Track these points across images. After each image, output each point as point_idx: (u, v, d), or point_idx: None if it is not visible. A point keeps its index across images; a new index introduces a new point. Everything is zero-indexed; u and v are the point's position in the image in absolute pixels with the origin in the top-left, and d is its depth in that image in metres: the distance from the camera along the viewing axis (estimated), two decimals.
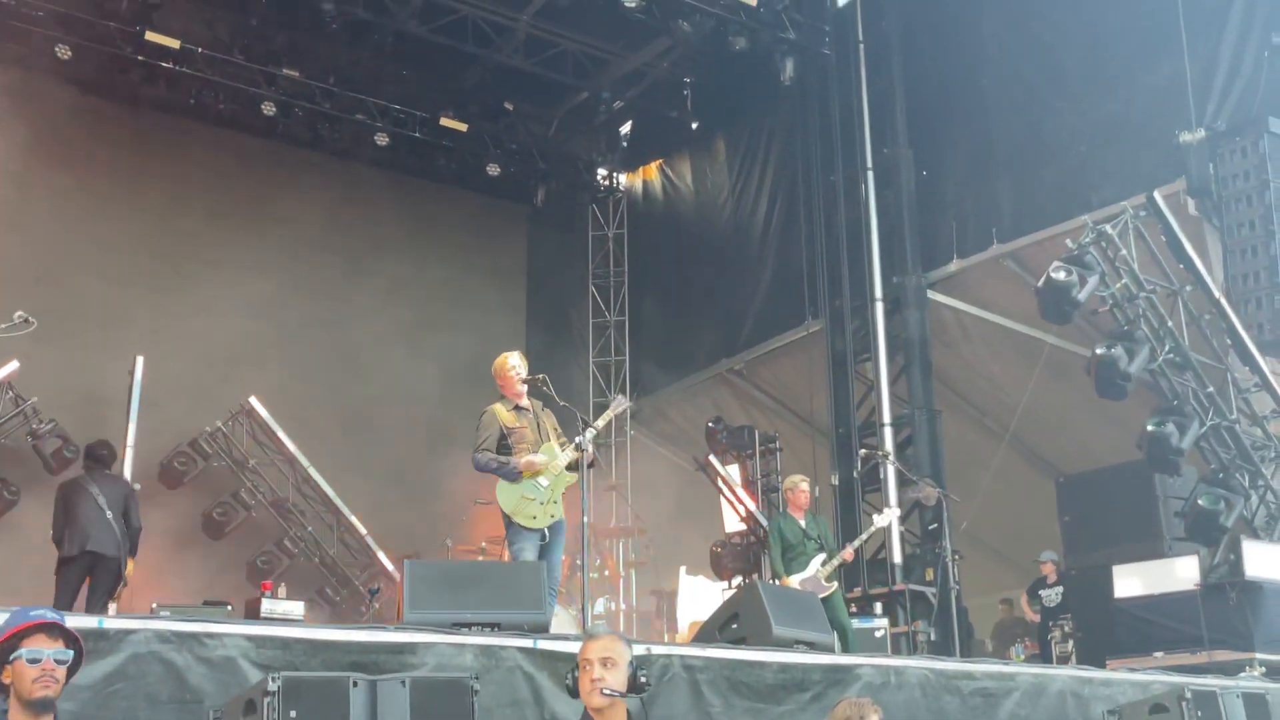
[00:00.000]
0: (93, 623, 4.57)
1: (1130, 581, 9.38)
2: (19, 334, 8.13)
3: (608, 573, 14.37)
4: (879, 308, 13.36)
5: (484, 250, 17.53)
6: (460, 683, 4.46)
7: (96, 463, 9.59)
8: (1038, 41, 12.41)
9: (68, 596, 8.93)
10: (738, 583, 13.59)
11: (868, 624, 11.17)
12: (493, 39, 15.12)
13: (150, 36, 13.74)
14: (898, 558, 12.47)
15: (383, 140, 15.61)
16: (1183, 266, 9.99)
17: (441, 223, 17.04)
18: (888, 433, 12.98)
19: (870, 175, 13.60)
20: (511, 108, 16.83)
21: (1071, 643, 10.93)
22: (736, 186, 16.29)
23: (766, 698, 5.94)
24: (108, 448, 9.79)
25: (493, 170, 16.59)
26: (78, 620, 4.15)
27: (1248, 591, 8.67)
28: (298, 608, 10.02)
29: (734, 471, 14.28)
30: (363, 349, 15.62)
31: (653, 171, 18.19)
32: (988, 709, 6.65)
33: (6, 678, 3.71)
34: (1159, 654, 8.77)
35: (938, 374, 13.43)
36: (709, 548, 14.37)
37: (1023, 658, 11.91)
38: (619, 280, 18.20)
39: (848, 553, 9.38)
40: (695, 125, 17.12)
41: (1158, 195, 9.94)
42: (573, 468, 7.55)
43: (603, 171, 18.47)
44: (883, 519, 10.01)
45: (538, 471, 7.45)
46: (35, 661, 3.71)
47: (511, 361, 7.72)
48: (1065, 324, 10.24)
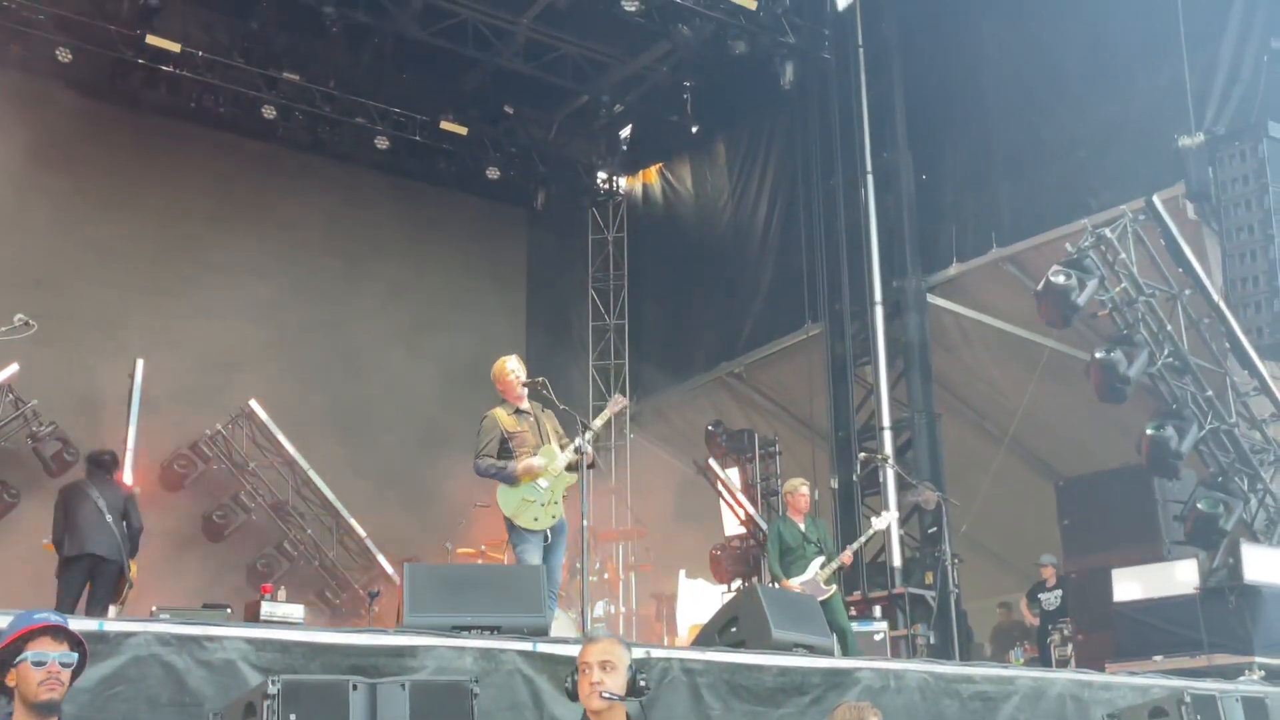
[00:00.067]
0: (93, 625, 4.57)
1: (1129, 585, 9.38)
2: (19, 337, 8.14)
3: (608, 576, 14.36)
4: (879, 311, 13.36)
5: (484, 254, 17.54)
6: (460, 686, 4.47)
7: (99, 468, 9.60)
8: (1037, 45, 12.42)
9: (69, 600, 8.93)
10: (737, 586, 13.60)
11: (867, 627, 11.18)
12: (493, 42, 15.14)
13: (151, 40, 13.75)
14: (897, 561, 12.47)
15: (383, 144, 15.63)
16: (1182, 270, 10.00)
17: (441, 226, 17.05)
18: (887, 436, 12.99)
19: (870, 179, 13.61)
20: (511, 111, 16.85)
21: (1071, 646, 10.92)
22: (736, 190, 16.31)
23: (766, 701, 5.94)
24: (111, 455, 9.82)
25: (493, 174, 16.61)
26: (78, 623, 4.16)
27: (1247, 595, 8.65)
28: (297, 611, 10.01)
29: (734, 475, 14.29)
30: (363, 352, 15.63)
31: (652, 175, 18.21)
32: (987, 712, 6.64)
33: (11, 680, 3.72)
34: (1158, 658, 8.75)
35: (937, 378, 13.44)
36: (709, 551, 14.38)
37: (1022, 661, 11.91)
38: (619, 283, 18.21)
39: (846, 556, 9.37)
40: (695, 129, 17.11)
41: (1157, 199, 9.94)
42: (572, 468, 7.56)
43: (602, 175, 18.48)
44: (882, 522, 10.01)
45: (536, 475, 7.45)
46: (40, 664, 3.72)
47: (510, 365, 7.72)
48: (1065, 328, 10.24)
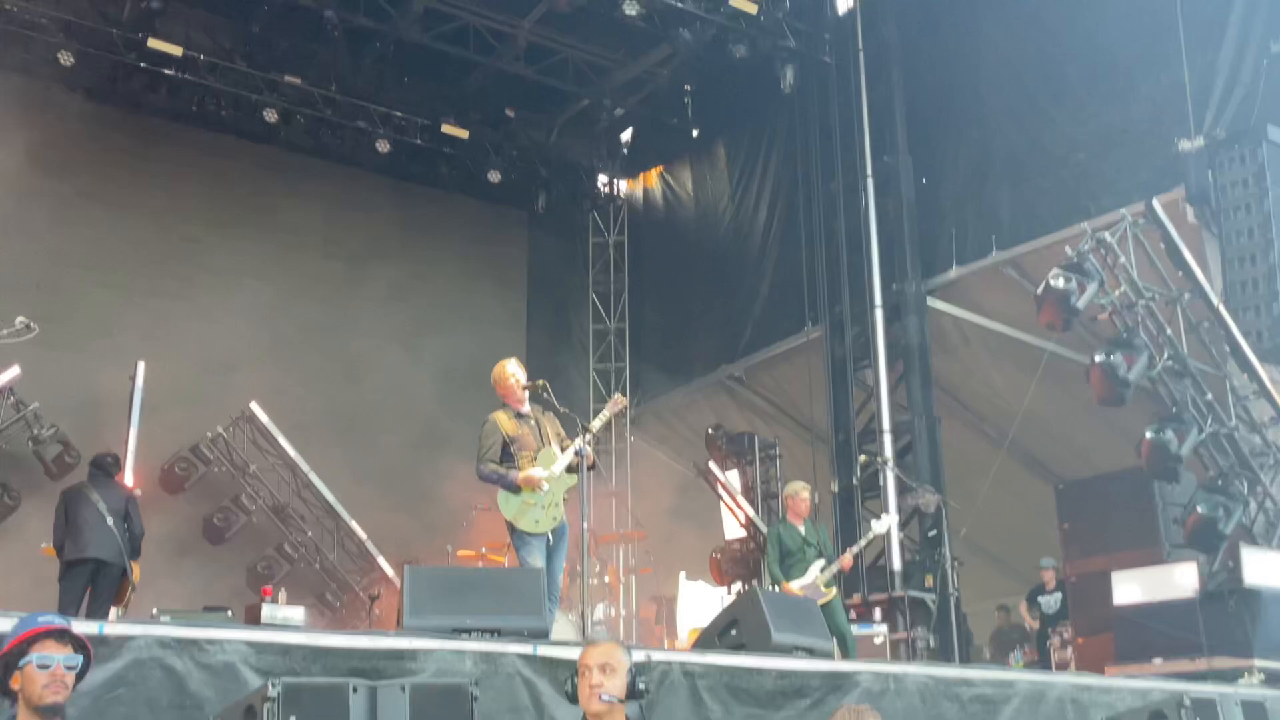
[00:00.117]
0: (93, 629, 4.58)
1: (1129, 588, 9.38)
2: (20, 339, 8.16)
3: (608, 579, 14.36)
4: (879, 315, 13.38)
5: (484, 256, 17.55)
6: (460, 689, 4.48)
7: (101, 471, 9.60)
8: (1037, 50, 12.44)
9: (71, 603, 8.91)
10: (737, 589, 13.60)
11: (867, 630, 11.19)
12: (494, 46, 15.17)
13: (153, 43, 13.77)
14: (897, 564, 12.47)
15: (384, 147, 15.63)
16: (1181, 274, 9.99)
17: (442, 229, 17.06)
18: (887, 439, 13.00)
19: (870, 182, 13.63)
20: (512, 114, 16.87)
21: (1070, 649, 10.92)
22: (736, 193, 16.32)
23: (766, 704, 5.94)
24: (113, 458, 9.83)
25: (494, 177, 16.61)
26: (78, 626, 4.17)
27: (1246, 598, 8.66)
28: (298, 613, 10.04)
29: (734, 478, 14.29)
30: (364, 355, 15.64)
31: (653, 178, 18.22)
32: (987, 716, 6.64)
33: (15, 683, 3.74)
34: (1158, 661, 8.75)
35: (937, 381, 13.45)
36: (709, 554, 14.37)
37: (1021, 664, 11.92)
38: (619, 287, 18.22)
39: (847, 559, 9.38)
40: (696, 132, 17.16)
41: (1157, 203, 9.94)
42: (573, 470, 7.56)
43: (603, 178, 18.50)
44: (882, 525, 10.03)
45: (536, 485, 7.44)
46: (45, 667, 3.73)
47: (510, 368, 7.71)
48: (1064, 331, 10.25)
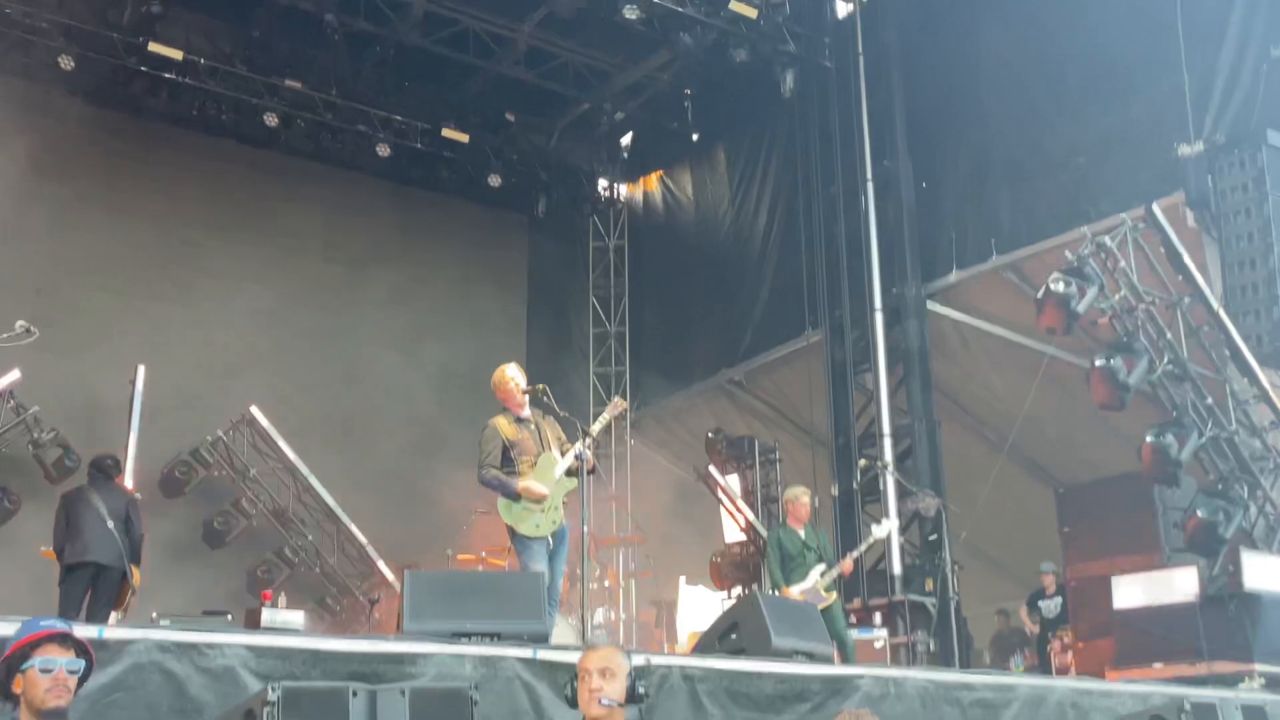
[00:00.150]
0: (93, 633, 4.57)
1: (1129, 592, 9.38)
2: (21, 343, 8.16)
3: (608, 583, 14.36)
4: (879, 318, 13.37)
5: (485, 260, 17.55)
6: (460, 693, 4.48)
7: (101, 474, 9.57)
8: (1037, 54, 12.45)
9: (71, 607, 8.89)
10: (737, 593, 13.59)
11: (867, 634, 11.18)
12: (494, 50, 15.18)
13: (153, 47, 13.78)
14: (897, 568, 12.45)
15: (384, 151, 15.64)
16: (1181, 278, 10.00)
17: (443, 233, 17.07)
18: (887, 443, 12.99)
19: (870, 186, 13.63)
20: (513, 119, 16.88)
21: (1071, 654, 10.92)
22: (737, 197, 16.33)
23: (766, 708, 5.94)
24: (114, 460, 9.75)
25: (494, 181, 16.61)
26: (78, 630, 4.16)
27: (1247, 603, 8.66)
28: (298, 617, 10.00)
29: (734, 482, 14.28)
30: (363, 358, 15.65)
31: (653, 183, 18.23)
32: None
33: (17, 687, 3.74)
34: (1158, 665, 8.75)
35: (937, 385, 13.44)
36: (709, 558, 14.37)
37: (1022, 668, 11.92)
38: (619, 291, 18.23)
39: (847, 564, 9.38)
40: (696, 137, 17.18)
41: (1157, 207, 9.95)
42: (572, 474, 7.56)
43: (603, 182, 18.51)
44: (882, 530, 10.03)
45: (535, 497, 7.43)
46: (48, 671, 3.74)
47: (509, 373, 7.71)
48: (1065, 335, 10.25)
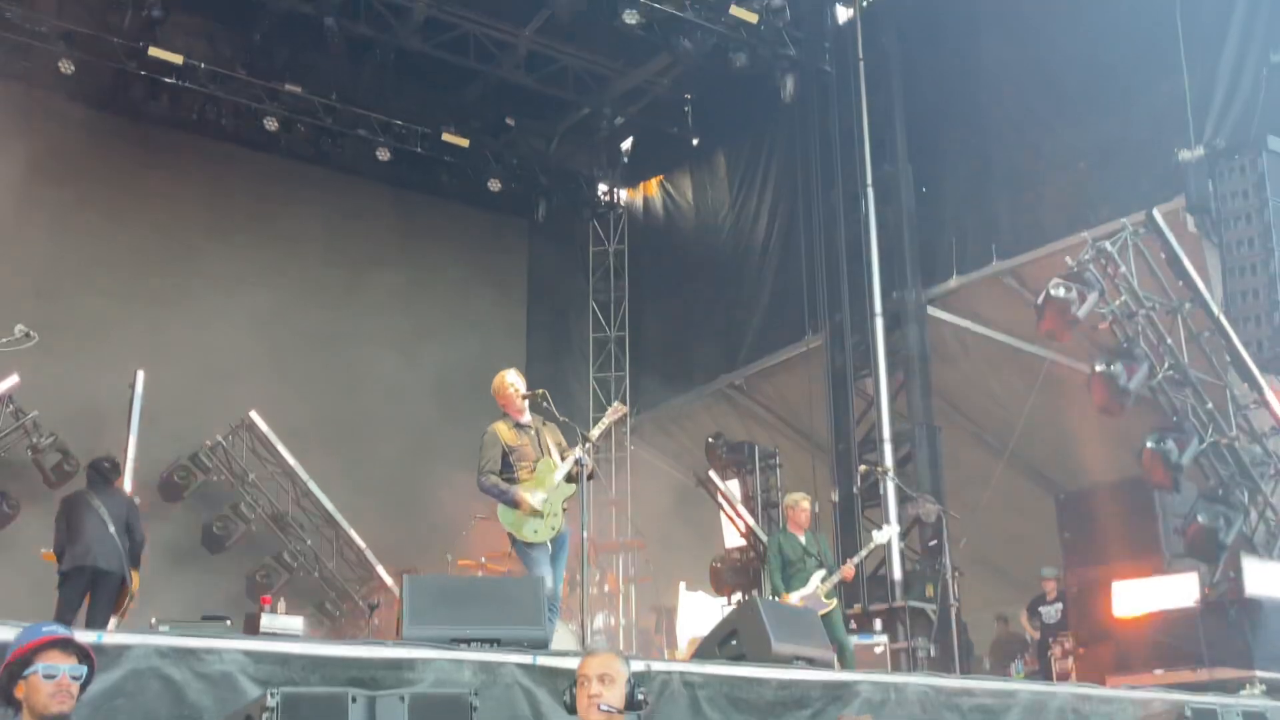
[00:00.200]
0: (91, 638, 4.56)
1: (1130, 598, 9.38)
2: (20, 348, 8.16)
3: (607, 588, 14.34)
4: (879, 323, 13.36)
5: (484, 265, 17.56)
6: (459, 698, 4.46)
7: (100, 477, 9.54)
8: (1037, 59, 12.45)
9: (69, 611, 8.87)
10: (737, 599, 13.57)
11: (867, 640, 11.17)
12: (494, 55, 15.20)
13: (153, 52, 13.79)
14: (898, 574, 12.43)
15: (384, 155, 15.65)
16: (1182, 284, 10.00)
17: (442, 237, 17.08)
18: (888, 449, 12.97)
19: (870, 191, 13.62)
20: (513, 123, 16.88)
21: (1071, 660, 10.90)
22: (737, 202, 16.33)
23: (766, 714, 5.93)
24: (111, 463, 9.69)
25: (494, 185, 16.62)
26: (77, 636, 4.15)
27: (1247, 609, 8.65)
28: (297, 622, 10.00)
29: (734, 487, 14.27)
30: (363, 363, 15.64)
31: (653, 187, 18.24)
32: None
33: (20, 693, 3.73)
34: (1159, 671, 8.74)
35: (937, 390, 13.43)
36: (709, 563, 14.36)
37: (1022, 674, 11.89)
38: (619, 295, 18.23)
39: (848, 570, 9.36)
40: (696, 141, 17.18)
41: (1157, 213, 9.95)
42: (572, 479, 7.55)
43: (603, 187, 18.51)
44: (882, 535, 10.01)
45: (537, 512, 7.41)
46: (51, 677, 3.74)
47: (509, 378, 7.71)
48: (1065, 340, 10.25)
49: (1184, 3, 10.86)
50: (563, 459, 7.59)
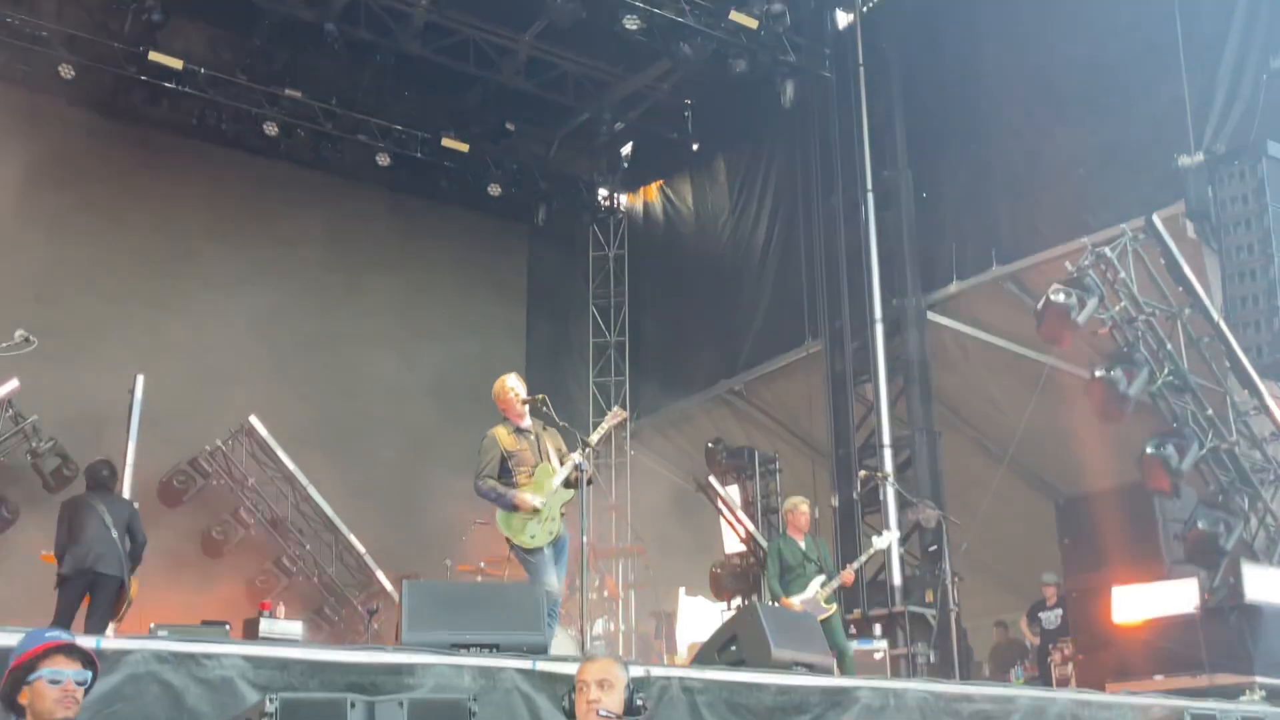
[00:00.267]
0: (90, 643, 4.55)
1: (1130, 604, 9.36)
2: (19, 353, 8.15)
3: (607, 593, 14.34)
4: (879, 329, 13.37)
5: (485, 270, 17.57)
6: (458, 704, 4.45)
7: (99, 481, 9.53)
8: (1036, 65, 12.46)
9: (67, 615, 8.86)
10: (737, 604, 13.56)
11: (867, 646, 11.15)
12: (494, 60, 15.21)
13: (153, 57, 13.81)
14: (897, 580, 12.43)
15: (384, 160, 15.67)
16: (1182, 289, 9.99)
17: (442, 242, 17.09)
18: (887, 454, 12.98)
19: (870, 197, 13.64)
20: (513, 128, 16.89)
21: (1071, 665, 10.89)
22: (737, 207, 16.34)
23: (765, 719, 5.93)
24: (109, 468, 9.66)
25: (494, 190, 16.64)
26: (76, 640, 4.15)
27: (1248, 614, 8.65)
28: (296, 627, 10.01)
29: (734, 492, 14.25)
30: (363, 368, 15.64)
31: (653, 192, 18.25)
32: None
33: (24, 698, 3.73)
34: (1159, 677, 8.73)
35: (937, 395, 13.44)
36: (708, 569, 14.34)
37: (1022, 680, 11.87)
38: (619, 300, 18.24)
39: (848, 575, 9.34)
40: (696, 147, 17.20)
41: (1157, 218, 9.95)
42: (571, 484, 7.54)
43: (603, 192, 18.53)
44: (882, 541, 10.01)
45: (534, 511, 7.41)
46: (56, 683, 3.73)
47: (509, 383, 7.69)
48: (1065, 346, 10.24)
49: (1184, 8, 10.87)
50: (562, 464, 7.58)
